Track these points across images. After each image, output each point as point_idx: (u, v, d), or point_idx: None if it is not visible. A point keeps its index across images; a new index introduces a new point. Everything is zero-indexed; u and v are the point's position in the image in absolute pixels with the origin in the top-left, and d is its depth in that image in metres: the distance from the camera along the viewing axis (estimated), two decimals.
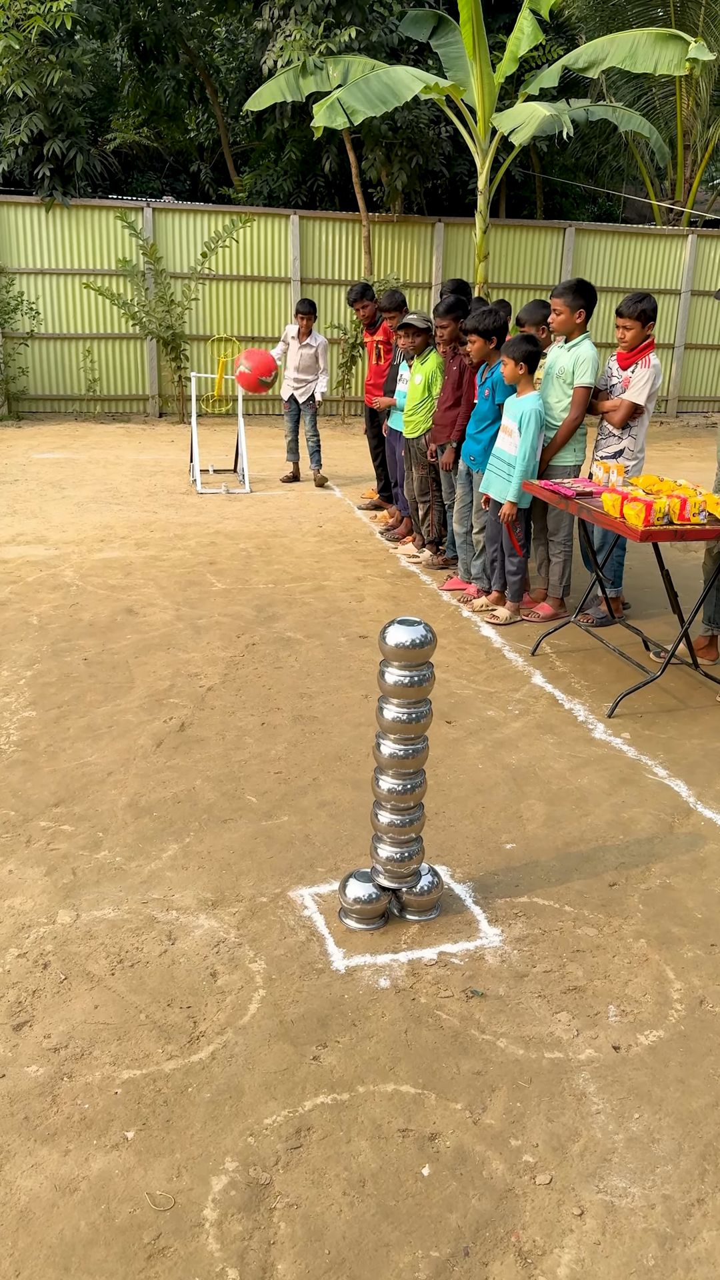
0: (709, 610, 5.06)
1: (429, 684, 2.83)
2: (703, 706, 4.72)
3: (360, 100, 10.78)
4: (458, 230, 14.52)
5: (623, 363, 5.40)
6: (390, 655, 2.79)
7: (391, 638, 2.78)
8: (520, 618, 5.92)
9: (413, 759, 2.88)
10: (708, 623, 5.11)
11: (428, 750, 2.92)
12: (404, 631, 2.78)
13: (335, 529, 8.08)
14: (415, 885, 2.99)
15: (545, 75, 11.75)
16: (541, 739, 4.29)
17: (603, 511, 4.42)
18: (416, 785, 2.91)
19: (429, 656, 2.82)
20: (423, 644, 2.78)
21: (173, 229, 13.56)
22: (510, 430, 5.57)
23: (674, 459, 11.93)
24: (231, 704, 4.54)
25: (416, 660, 2.80)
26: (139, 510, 8.43)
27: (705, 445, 13.28)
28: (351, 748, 4.14)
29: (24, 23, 11.73)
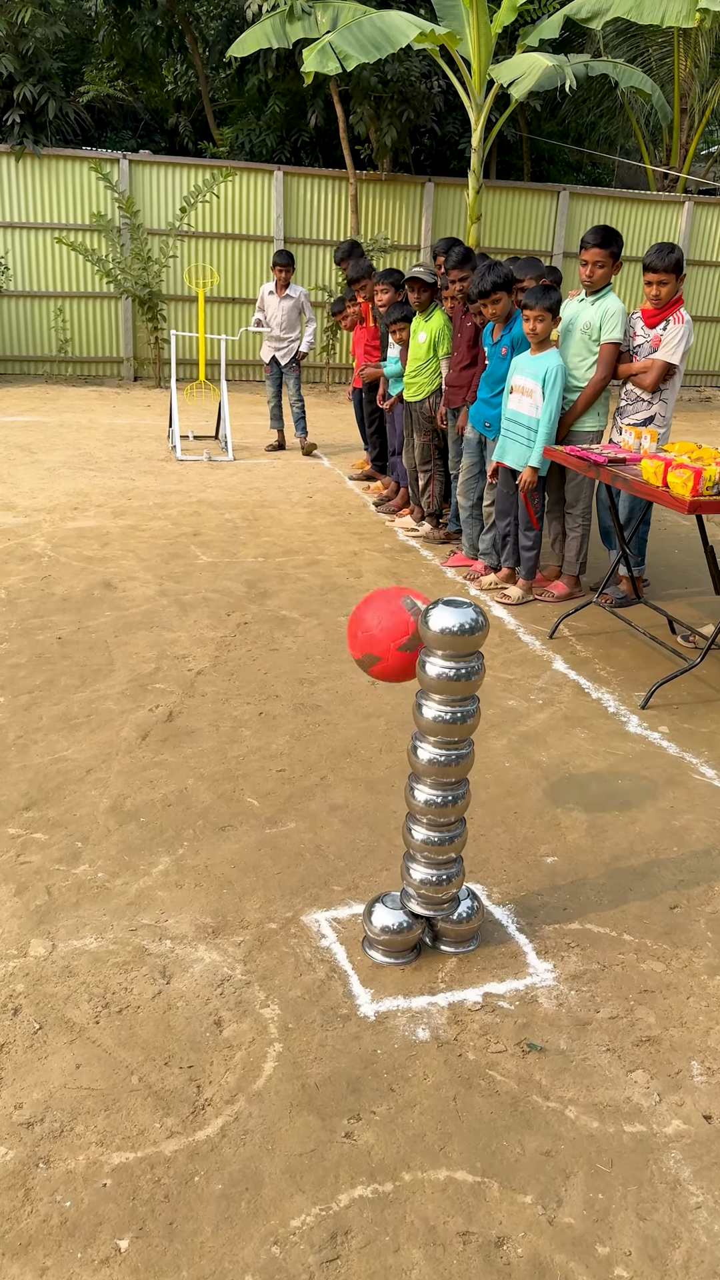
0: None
1: (479, 678, 2.38)
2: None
3: (353, 45, 10.17)
4: (449, 190, 13.95)
5: (650, 320, 4.93)
6: (435, 643, 2.34)
7: (436, 622, 2.32)
8: (533, 597, 5.47)
9: (456, 766, 2.43)
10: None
11: (473, 756, 2.47)
12: (452, 615, 2.32)
13: (326, 500, 7.59)
14: (453, 912, 2.55)
15: (546, 26, 11.19)
16: (571, 733, 3.85)
17: (642, 480, 3.97)
18: (459, 797, 2.46)
19: (480, 645, 2.37)
20: (474, 629, 2.33)
21: (150, 183, 12.89)
22: (529, 390, 5.09)
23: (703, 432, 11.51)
24: (224, 690, 4.07)
25: (465, 650, 2.34)
26: (115, 477, 7.88)
27: (700, 419, 12.87)
28: (361, 742, 3.68)
29: None
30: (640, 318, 5.00)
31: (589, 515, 5.37)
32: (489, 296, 5.30)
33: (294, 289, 8.87)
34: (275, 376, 9.17)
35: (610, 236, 4.93)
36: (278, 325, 8.92)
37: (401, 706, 3.99)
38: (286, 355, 8.99)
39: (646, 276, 4.85)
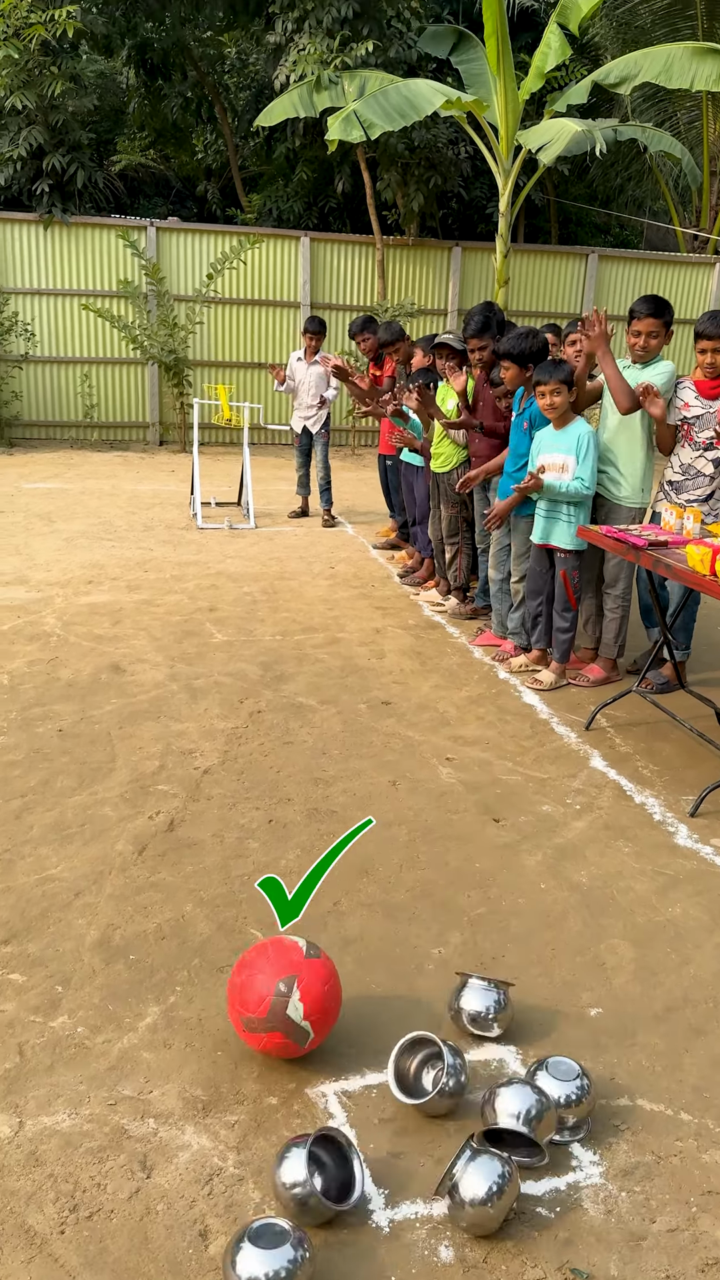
0: None
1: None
2: None
3: (378, 113, 10.14)
4: (476, 255, 13.88)
5: (708, 391, 4.61)
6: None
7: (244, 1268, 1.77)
8: (567, 681, 5.13)
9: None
10: None
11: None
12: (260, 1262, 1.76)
13: (349, 571, 7.31)
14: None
15: (574, 91, 11.15)
16: (613, 846, 3.48)
17: (686, 567, 3.64)
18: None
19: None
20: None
21: (177, 249, 12.91)
22: (562, 466, 4.80)
23: None
24: (232, 792, 3.74)
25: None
26: (133, 547, 7.66)
27: None
28: (379, 856, 3.33)
29: (24, 32, 11.13)
30: (693, 387, 4.69)
31: (628, 595, 5.04)
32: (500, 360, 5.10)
33: (323, 355, 8.66)
34: (304, 445, 8.94)
35: (663, 306, 4.65)
36: (306, 393, 8.72)
37: (425, 813, 3.65)
38: (316, 423, 8.77)
39: (700, 344, 4.54)
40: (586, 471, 4.73)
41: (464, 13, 14.02)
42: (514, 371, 5.18)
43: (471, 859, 3.34)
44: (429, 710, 4.67)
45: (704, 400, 4.60)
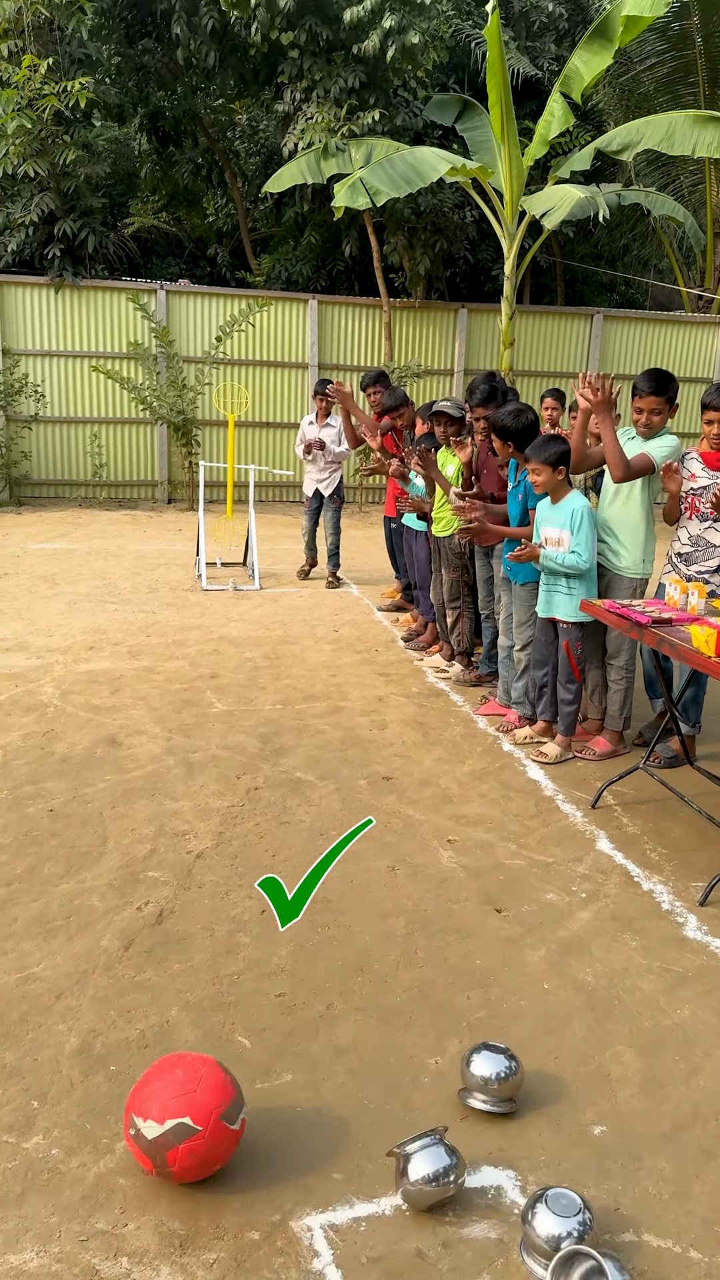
0: None
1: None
2: None
3: (384, 180, 10.29)
4: (481, 316, 14.00)
5: (715, 464, 4.54)
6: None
7: None
8: (573, 754, 5.01)
9: None
10: None
11: None
12: None
13: (353, 634, 7.24)
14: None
15: (577, 158, 11.30)
16: (620, 940, 3.34)
17: (691, 648, 3.55)
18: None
19: None
20: None
21: (187, 312, 13.07)
22: (560, 541, 4.73)
23: None
24: (225, 879, 3.62)
25: None
26: (136, 610, 7.62)
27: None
28: (376, 952, 3.20)
29: (38, 102, 11.37)
30: (699, 459, 4.63)
31: (633, 666, 4.94)
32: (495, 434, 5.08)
33: (334, 419, 8.58)
34: (314, 508, 8.84)
35: (666, 382, 4.61)
36: (319, 456, 8.66)
37: (425, 901, 3.52)
38: (329, 486, 8.69)
39: (707, 415, 4.48)
40: (582, 545, 4.65)
41: (469, 82, 14.30)
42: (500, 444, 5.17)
43: (472, 955, 3.21)
44: (431, 786, 4.55)
45: (711, 471, 4.54)
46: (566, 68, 11.01)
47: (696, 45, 14.10)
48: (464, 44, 13.78)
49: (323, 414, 8.59)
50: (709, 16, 13.71)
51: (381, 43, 11.24)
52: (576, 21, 14.82)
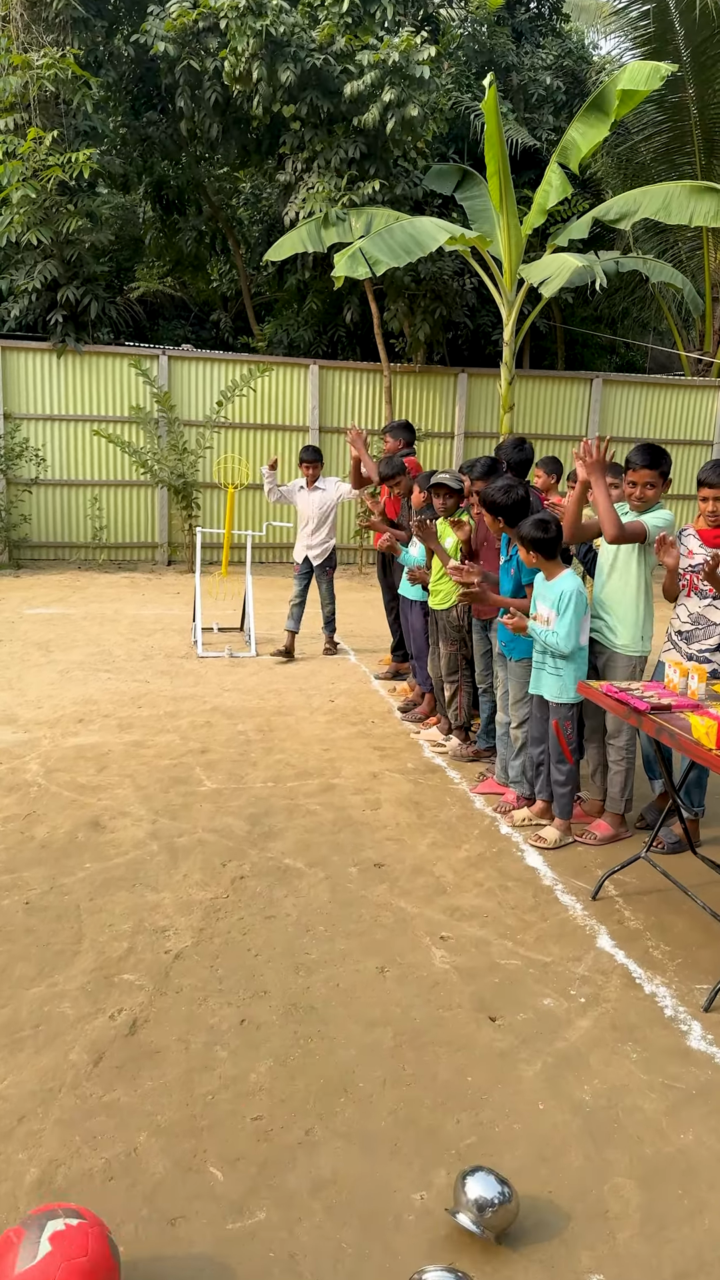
0: None
1: None
2: None
3: (383, 250, 10.37)
4: (481, 380, 14.07)
5: (712, 540, 4.44)
6: None
7: None
8: (572, 839, 4.84)
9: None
10: None
11: None
12: None
13: (349, 705, 7.10)
14: None
15: (575, 227, 11.42)
16: (620, 1053, 3.15)
17: (690, 739, 3.40)
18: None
19: None
20: None
21: (189, 376, 13.15)
22: (549, 620, 4.62)
23: None
24: (204, 983, 3.44)
25: None
26: (129, 679, 7.49)
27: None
28: (361, 1068, 3.02)
29: (42, 173, 11.55)
30: (696, 535, 4.53)
31: (633, 747, 4.79)
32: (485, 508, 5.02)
33: (325, 481, 8.39)
34: (305, 575, 8.44)
35: (659, 456, 4.54)
36: (310, 522, 8.35)
37: (415, 1009, 3.33)
38: (320, 555, 8.38)
39: (702, 493, 4.40)
40: (564, 628, 4.51)
41: (468, 152, 14.53)
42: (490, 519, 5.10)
43: (463, 1070, 3.02)
44: (424, 874, 4.38)
45: (709, 549, 4.44)
46: (564, 139, 11.17)
47: (692, 117, 14.36)
48: (463, 115, 14.03)
49: (311, 479, 8.36)
50: (704, 90, 13.98)
51: (381, 115, 11.42)
52: (574, 94, 15.12)
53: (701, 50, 13.67)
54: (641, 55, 14.17)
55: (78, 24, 12.05)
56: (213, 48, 11.78)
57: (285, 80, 11.27)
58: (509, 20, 15.10)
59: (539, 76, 14.51)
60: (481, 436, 14.13)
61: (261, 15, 11.09)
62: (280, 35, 11.14)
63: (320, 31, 11.54)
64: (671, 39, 13.79)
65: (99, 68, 13.06)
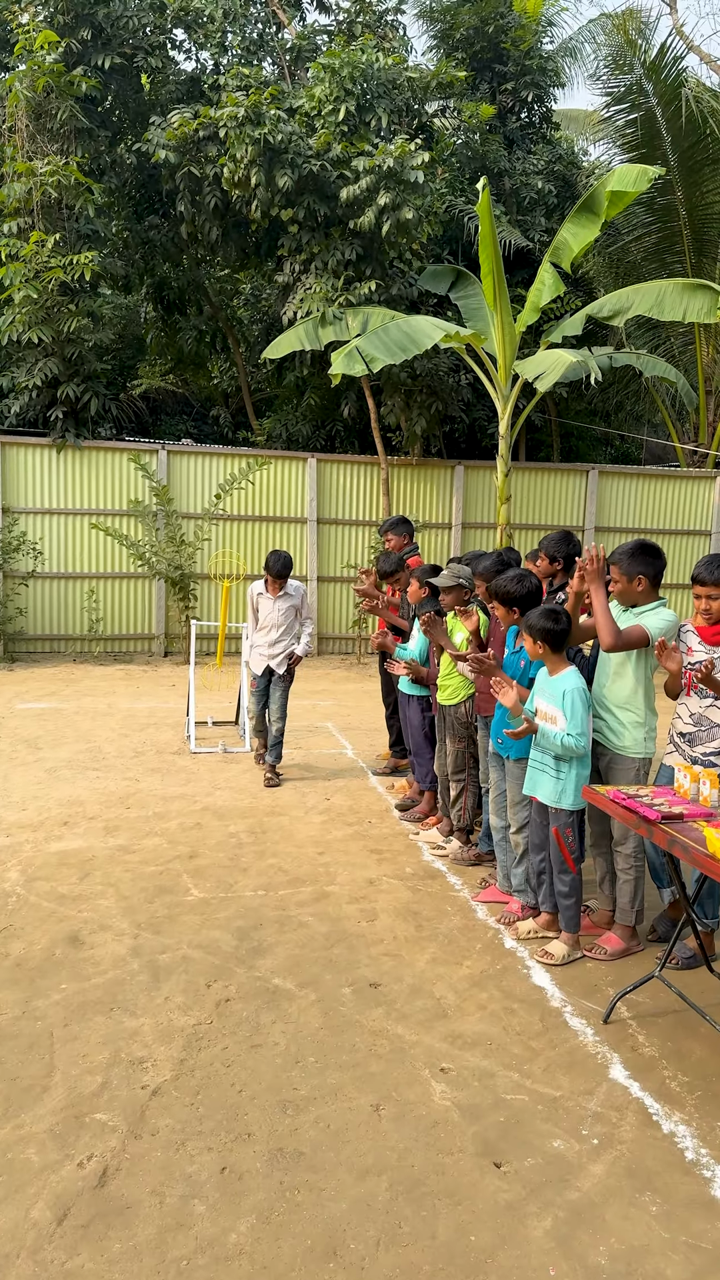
0: None
1: None
2: None
3: (379, 348, 10.49)
4: (477, 473, 14.15)
5: (712, 638, 4.30)
6: None
7: None
8: (581, 953, 4.56)
9: None
10: None
11: None
12: None
13: (345, 803, 6.87)
14: None
15: (569, 323, 11.58)
16: (638, 1204, 2.86)
17: (705, 853, 3.19)
18: None
19: None
20: None
21: (188, 470, 13.21)
22: (552, 717, 4.43)
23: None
24: (182, 1124, 3.16)
25: None
26: (118, 778, 7.27)
27: None
28: (352, 1227, 2.72)
29: (44, 274, 11.76)
30: (694, 632, 4.39)
31: (643, 854, 4.56)
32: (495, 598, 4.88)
33: (291, 585, 7.46)
34: (264, 687, 7.48)
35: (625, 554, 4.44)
36: (273, 628, 7.39)
37: (413, 1153, 3.05)
38: (282, 663, 7.41)
39: (696, 590, 4.28)
40: (576, 727, 4.33)
41: (462, 252, 14.87)
42: (502, 611, 4.96)
43: (465, 1228, 2.73)
44: (423, 995, 4.10)
45: (708, 646, 4.29)
46: (556, 239, 11.40)
47: (681, 218, 14.72)
48: (457, 218, 14.39)
49: (275, 588, 7.40)
50: (691, 192, 14.37)
51: (377, 219, 11.69)
52: (565, 197, 15.54)
53: (689, 155, 14.09)
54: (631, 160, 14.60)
55: (81, 134, 12.43)
56: (212, 155, 12.13)
57: (283, 185, 11.57)
58: (501, 128, 15.62)
59: (531, 181, 14.93)
60: (479, 527, 14.14)
61: (260, 125, 11.43)
62: (278, 143, 11.47)
63: (317, 139, 11.89)
64: (659, 144, 14.23)
65: (102, 174, 13.44)
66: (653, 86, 13.78)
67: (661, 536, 14.65)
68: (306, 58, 14.77)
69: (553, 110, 16.66)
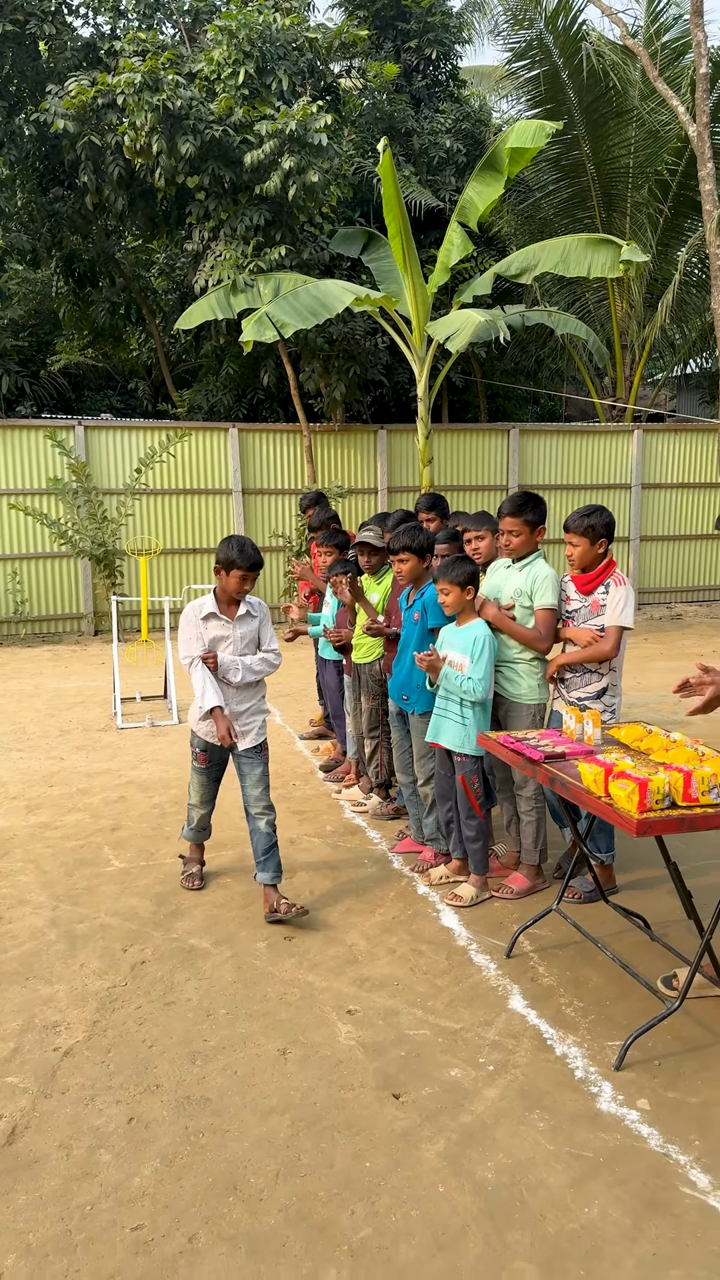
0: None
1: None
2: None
3: (289, 314, 10.46)
4: (401, 436, 14.20)
5: (583, 586, 4.47)
6: None
7: None
8: (489, 894, 4.73)
9: None
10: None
11: None
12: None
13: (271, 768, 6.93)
14: None
15: (478, 283, 11.64)
16: (527, 1122, 3.02)
17: (581, 787, 3.34)
18: None
19: None
20: None
21: (107, 446, 13.08)
22: (460, 665, 4.56)
23: (642, 658, 11.08)
24: (93, 1080, 3.25)
25: None
26: (43, 757, 7.28)
27: (673, 641, 12.50)
28: (253, 1162, 2.85)
29: None
30: (571, 582, 4.56)
31: (543, 796, 4.72)
32: (397, 555, 4.95)
33: (251, 600, 4.57)
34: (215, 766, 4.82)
35: (522, 506, 4.55)
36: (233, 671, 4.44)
37: (315, 1092, 3.18)
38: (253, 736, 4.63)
39: (566, 537, 4.45)
40: (480, 672, 4.48)
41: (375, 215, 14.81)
42: (412, 563, 5.05)
43: (362, 1155, 2.87)
44: (336, 944, 4.23)
45: (581, 595, 4.47)
46: (462, 198, 11.42)
47: (589, 173, 14.81)
48: (367, 179, 14.32)
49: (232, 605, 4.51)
50: (598, 146, 14.45)
51: (282, 183, 11.60)
52: (474, 156, 15.53)
53: (593, 109, 14.15)
54: (537, 116, 14.62)
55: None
56: (113, 123, 11.91)
57: (186, 152, 11.42)
58: (407, 88, 15.53)
59: (439, 140, 14.89)
60: (404, 491, 14.22)
61: (158, 90, 11.25)
62: (178, 109, 11.30)
63: (218, 104, 11.74)
64: (564, 100, 14.27)
65: (1, 147, 13.13)
66: (554, 40, 13.79)
67: (584, 492, 14.87)
68: (205, 20, 14.51)
69: (459, 67, 16.59)
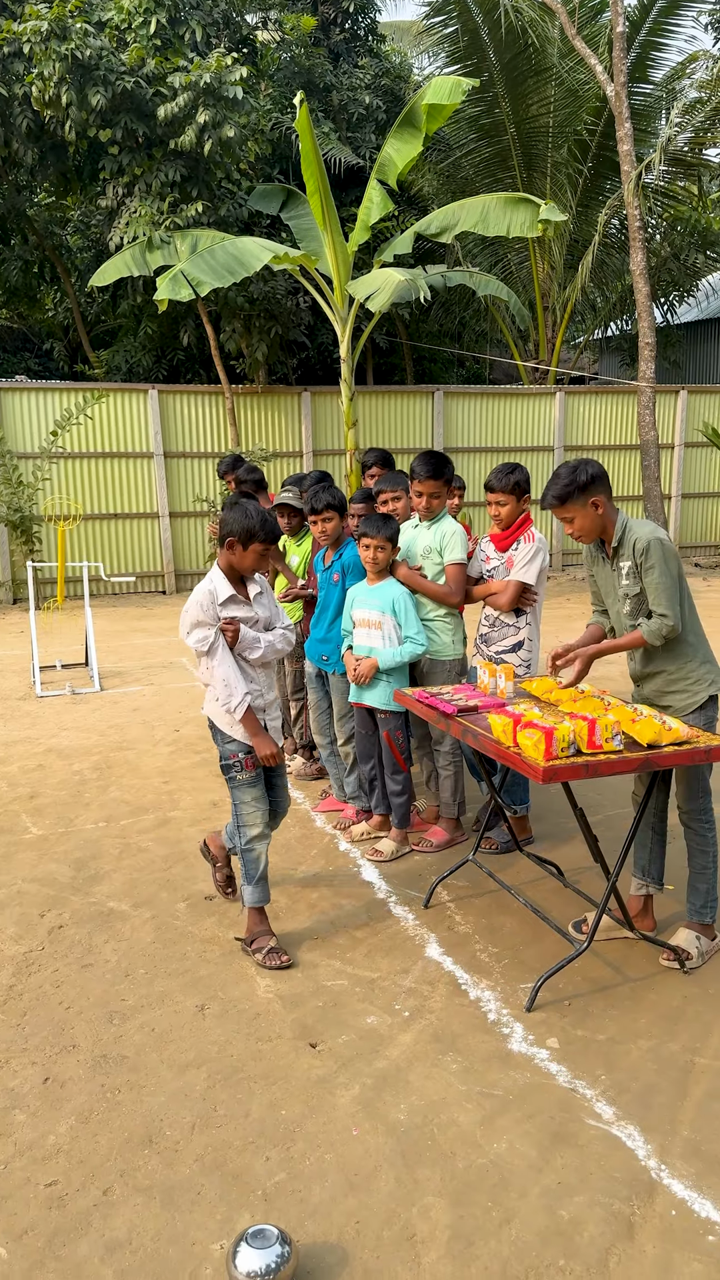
0: (641, 859, 3.92)
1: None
2: (645, 976, 3.62)
3: (205, 271, 10.27)
4: (325, 399, 14.10)
5: (500, 543, 4.53)
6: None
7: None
8: (410, 848, 4.80)
9: None
10: (641, 875, 3.89)
11: None
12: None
13: (195, 733, 6.93)
14: None
15: (398, 242, 11.55)
16: (440, 1064, 3.09)
17: (491, 738, 3.39)
18: None
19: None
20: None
21: (21, 408, 12.75)
22: (376, 623, 4.58)
23: (564, 618, 11.26)
24: (8, 1043, 3.24)
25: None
26: None
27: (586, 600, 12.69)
28: (169, 1116, 2.87)
29: None
30: (490, 541, 4.61)
31: (459, 751, 4.79)
32: (320, 514, 4.92)
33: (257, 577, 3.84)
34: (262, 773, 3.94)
35: (441, 465, 4.56)
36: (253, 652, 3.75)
37: (232, 1045, 3.21)
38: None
39: (488, 497, 4.48)
40: (413, 628, 4.53)
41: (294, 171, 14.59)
42: (335, 522, 5.03)
43: (277, 1104, 2.91)
44: None
45: (499, 553, 4.52)
46: (381, 155, 11.30)
47: (509, 133, 14.77)
48: (285, 135, 14.09)
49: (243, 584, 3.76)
50: (518, 104, 14.41)
51: (198, 137, 11.35)
52: (394, 112, 15.36)
53: (512, 66, 14.09)
54: (458, 73, 14.50)
55: None
56: (20, 73, 11.50)
57: (96, 104, 11.08)
58: (325, 41, 15.27)
59: (359, 96, 14.69)
60: (329, 454, 14.15)
61: (66, 39, 10.88)
62: (87, 59, 10.95)
63: (129, 54, 11.40)
64: (484, 57, 14.17)
65: None
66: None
67: (507, 454, 14.96)
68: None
69: (378, 22, 16.35)
